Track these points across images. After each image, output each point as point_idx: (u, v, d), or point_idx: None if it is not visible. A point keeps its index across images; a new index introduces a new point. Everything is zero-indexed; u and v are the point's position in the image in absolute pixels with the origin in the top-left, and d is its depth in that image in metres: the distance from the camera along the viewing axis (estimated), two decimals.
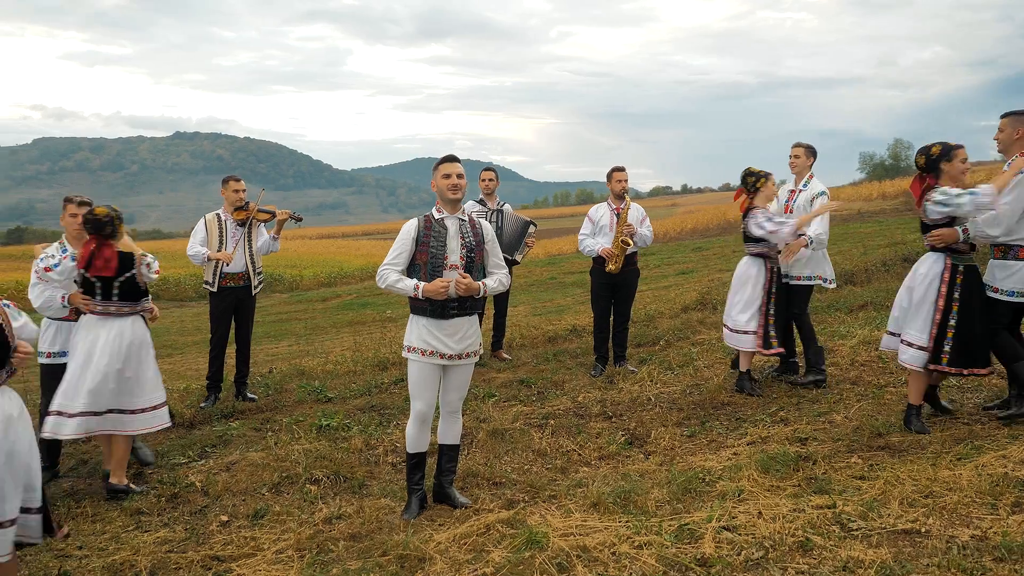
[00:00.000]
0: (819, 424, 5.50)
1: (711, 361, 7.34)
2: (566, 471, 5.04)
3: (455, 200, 4.39)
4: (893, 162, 55.59)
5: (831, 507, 3.99)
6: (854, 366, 6.85)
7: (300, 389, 7.13)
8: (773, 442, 5.20)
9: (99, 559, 4.04)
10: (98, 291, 4.81)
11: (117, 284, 4.78)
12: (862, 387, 6.29)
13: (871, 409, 5.71)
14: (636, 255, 7.42)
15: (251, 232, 6.63)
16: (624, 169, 7.39)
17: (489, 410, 6.25)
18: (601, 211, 7.38)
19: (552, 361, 7.84)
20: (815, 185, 6.51)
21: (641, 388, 6.66)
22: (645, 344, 8.41)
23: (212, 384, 6.79)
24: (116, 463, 4.96)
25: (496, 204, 7.78)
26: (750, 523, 3.86)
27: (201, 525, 4.46)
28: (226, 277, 6.55)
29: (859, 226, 21.98)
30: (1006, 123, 5.08)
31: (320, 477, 5.04)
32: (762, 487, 4.36)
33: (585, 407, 6.25)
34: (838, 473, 4.53)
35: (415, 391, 4.42)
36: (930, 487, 4.15)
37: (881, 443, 5.01)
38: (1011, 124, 5.05)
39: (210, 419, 6.41)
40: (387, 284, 4.34)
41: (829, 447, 5.01)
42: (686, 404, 6.20)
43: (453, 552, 3.84)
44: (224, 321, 6.67)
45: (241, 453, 5.53)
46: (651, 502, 4.25)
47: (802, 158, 6.57)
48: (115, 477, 4.92)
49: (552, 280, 19.97)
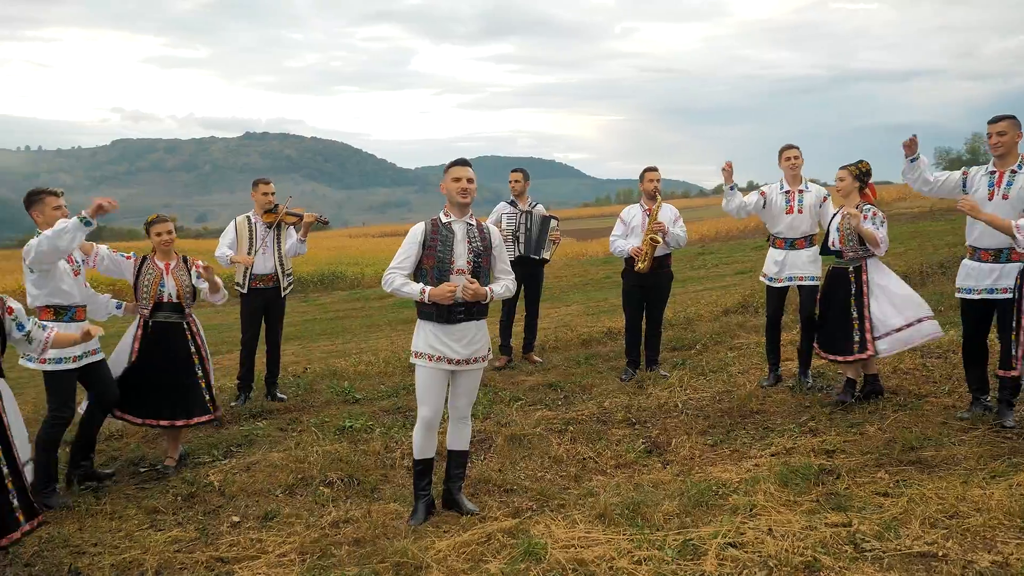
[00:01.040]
0: (849, 436, 5.27)
1: (746, 367, 7.13)
2: (580, 479, 4.95)
3: (464, 204, 4.35)
4: (971, 156, 53.39)
5: (846, 525, 3.82)
6: (896, 374, 6.56)
7: (329, 390, 7.18)
8: (798, 454, 5.01)
9: (110, 556, 4.12)
10: None
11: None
12: (901, 397, 6.02)
13: (908, 421, 5.45)
14: (670, 257, 7.26)
15: (280, 234, 6.71)
16: (656, 169, 7.25)
17: (512, 414, 6.19)
18: (633, 212, 7.25)
19: (583, 365, 7.73)
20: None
21: (670, 394, 6.50)
22: (681, 348, 8.22)
23: (243, 384, 6.89)
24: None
25: (527, 205, 7.70)
26: (758, 540, 3.72)
27: (213, 525, 4.51)
28: (255, 279, 6.63)
29: (929, 224, 21.20)
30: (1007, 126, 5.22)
31: (334, 479, 5.05)
32: (778, 502, 4.19)
33: (609, 413, 6.13)
34: (861, 489, 4.33)
35: (422, 397, 4.39)
36: (956, 507, 3.93)
37: (912, 458, 4.78)
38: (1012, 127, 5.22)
39: (239, 419, 6.49)
40: (393, 288, 4.31)
41: (856, 460, 4.80)
42: (714, 412, 6.03)
43: (451, 561, 3.80)
44: (254, 322, 6.76)
45: (263, 454, 5.59)
46: (660, 515, 4.13)
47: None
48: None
49: (608, 279, 19.71)
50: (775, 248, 6.61)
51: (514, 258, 7.63)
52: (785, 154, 6.62)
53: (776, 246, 6.61)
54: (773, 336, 6.68)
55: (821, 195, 6.54)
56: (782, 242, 6.54)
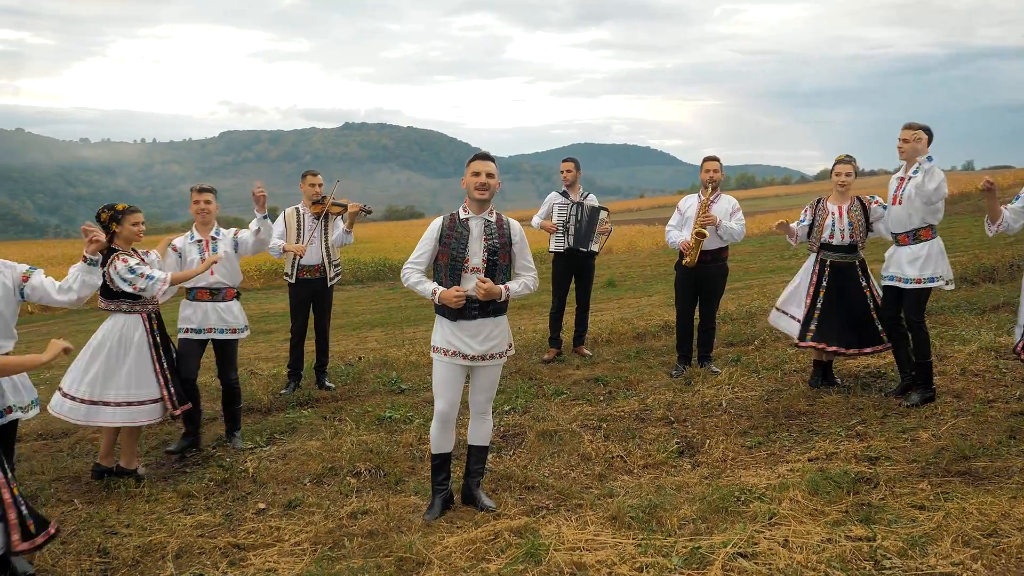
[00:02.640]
0: (899, 442, 4.96)
1: (804, 364, 6.81)
2: (604, 478, 4.82)
3: (482, 200, 4.27)
4: None
5: (870, 540, 3.59)
6: (964, 376, 6.14)
7: (376, 380, 7.27)
8: (839, 459, 4.74)
9: (138, 538, 4.27)
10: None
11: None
12: (965, 401, 5.62)
13: (966, 427, 5.09)
14: (725, 250, 7.00)
15: (327, 225, 6.81)
16: (716, 159, 7.01)
17: (551, 409, 6.11)
18: (690, 202, 7.04)
19: (634, 359, 7.56)
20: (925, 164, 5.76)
21: (717, 392, 6.28)
22: (739, 343, 7.94)
23: (292, 372, 7.05)
24: (123, 449, 5.21)
25: (579, 196, 7.56)
26: (771, 551, 3.54)
27: (239, 512, 4.62)
28: (303, 269, 6.76)
29: None
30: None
31: (362, 470, 5.10)
32: (803, 510, 3.98)
33: (650, 410, 5.97)
34: (897, 500, 4.06)
35: (438, 390, 4.37)
36: (996, 525, 3.64)
37: (962, 468, 4.45)
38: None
39: (286, 406, 6.65)
40: (409, 284, 4.30)
41: (899, 469, 4.51)
42: (758, 412, 5.78)
43: (454, 558, 3.77)
44: (302, 312, 6.90)
45: (301, 442, 5.70)
46: (675, 519, 3.98)
47: (912, 142, 5.82)
48: (123, 460, 5.21)
49: None
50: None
51: (563, 250, 7.54)
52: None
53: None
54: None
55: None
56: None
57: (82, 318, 15.51)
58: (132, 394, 5.01)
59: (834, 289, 6.05)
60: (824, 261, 6.11)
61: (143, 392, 5.05)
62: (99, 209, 5.06)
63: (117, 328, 5.05)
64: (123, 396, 4.99)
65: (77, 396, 4.96)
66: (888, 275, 5.79)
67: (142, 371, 5.05)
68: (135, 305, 5.09)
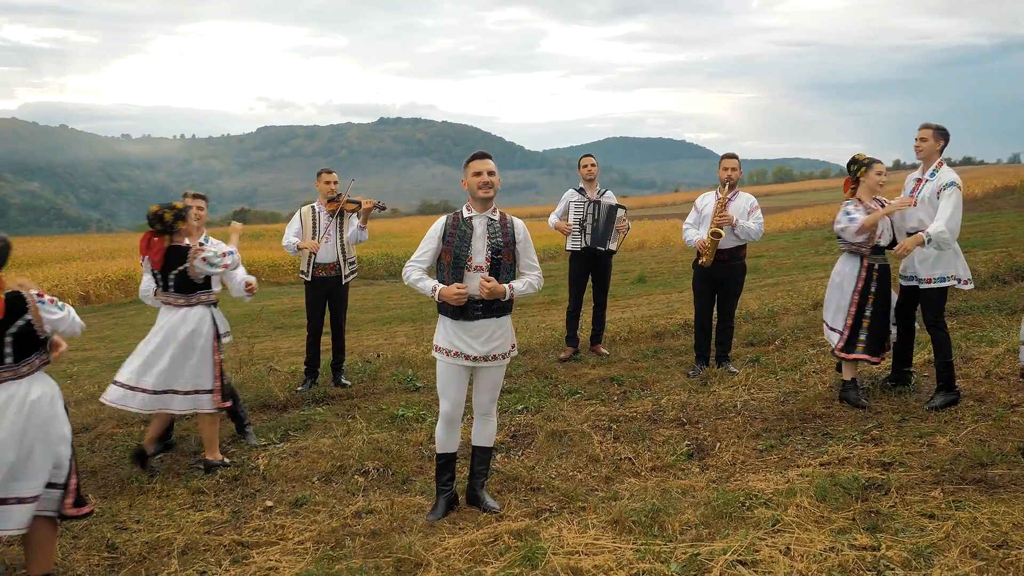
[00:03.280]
0: (915, 447, 4.84)
1: (823, 366, 6.69)
2: (611, 481, 4.78)
3: (485, 199, 4.26)
4: None
5: (874, 549, 3.50)
6: (988, 379, 5.98)
7: (392, 377, 7.29)
8: (851, 464, 4.64)
9: (147, 534, 4.34)
10: (159, 281, 5.16)
11: (171, 276, 5.09)
12: (988, 405, 5.47)
13: (986, 432, 4.95)
14: (743, 249, 6.89)
15: (342, 222, 6.84)
16: (734, 157, 6.90)
17: (564, 408, 6.07)
18: (707, 199, 6.93)
19: (651, 359, 7.49)
20: (944, 174, 5.62)
21: (732, 393, 6.20)
22: (759, 343, 7.82)
23: (309, 369, 7.10)
24: (206, 442, 5.34)
25: (596, 193, 7.49)
26: (772, 559, 3.48)
27: (247, 509, 4.67)
28: (318, 267, 6.80)
29: None
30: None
31: (370, 469, 5.12)
32: (809, 517, 3.91)
33: (663, 411, 5.90)
34: (907, 508, 3.97)
35: (442, 391, 4.37)
36: (1007, 536, 3.54)
37: (977, 475, 4.33)
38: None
39: (301, 403, 6.70)
40: (410, 282, 4.29)
41: (913, 475, 4.40)
42: (773, 414, 5.69)
43: (452, 560, 3.77)
44: (318, 309, 6.94)
45: (314, 439, 5.73)
46: (678, 524, 3.94)
47: (930, 142, 5.70)
48: (209, 454, 5.32)
49: None
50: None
51: (580, 249, 7.49)
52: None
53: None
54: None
55: (943, 182, 5.74)
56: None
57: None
58: (198, 383, 5.18)
59: (881, 295, 5.73)
60: (872, 266, 5.71)
61: (203, 382, 5.21)
62: (156, 212, 5.12)
63: (195, 319, 5.16)
64: (190, 385, 5.16)
65: (148, 388, 5.09)
66: (907, 275, 5.67)
67: (204, 362, 5.20)
68: (211, 295, 5.31)
